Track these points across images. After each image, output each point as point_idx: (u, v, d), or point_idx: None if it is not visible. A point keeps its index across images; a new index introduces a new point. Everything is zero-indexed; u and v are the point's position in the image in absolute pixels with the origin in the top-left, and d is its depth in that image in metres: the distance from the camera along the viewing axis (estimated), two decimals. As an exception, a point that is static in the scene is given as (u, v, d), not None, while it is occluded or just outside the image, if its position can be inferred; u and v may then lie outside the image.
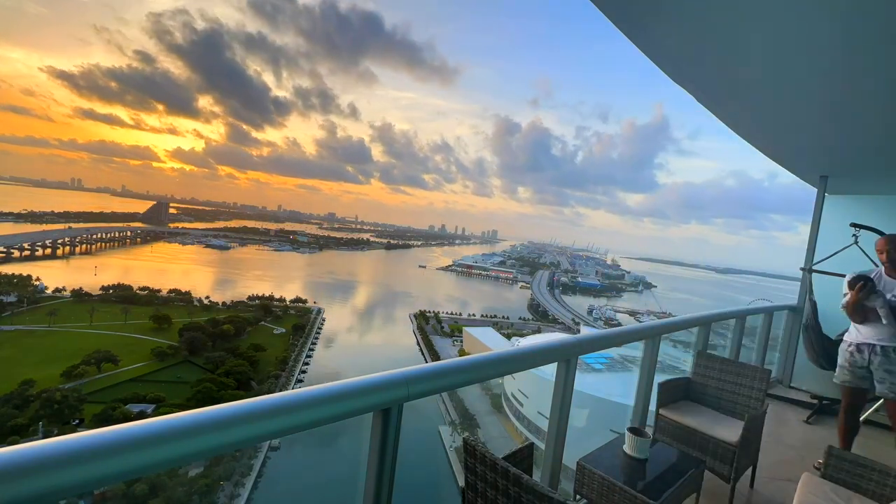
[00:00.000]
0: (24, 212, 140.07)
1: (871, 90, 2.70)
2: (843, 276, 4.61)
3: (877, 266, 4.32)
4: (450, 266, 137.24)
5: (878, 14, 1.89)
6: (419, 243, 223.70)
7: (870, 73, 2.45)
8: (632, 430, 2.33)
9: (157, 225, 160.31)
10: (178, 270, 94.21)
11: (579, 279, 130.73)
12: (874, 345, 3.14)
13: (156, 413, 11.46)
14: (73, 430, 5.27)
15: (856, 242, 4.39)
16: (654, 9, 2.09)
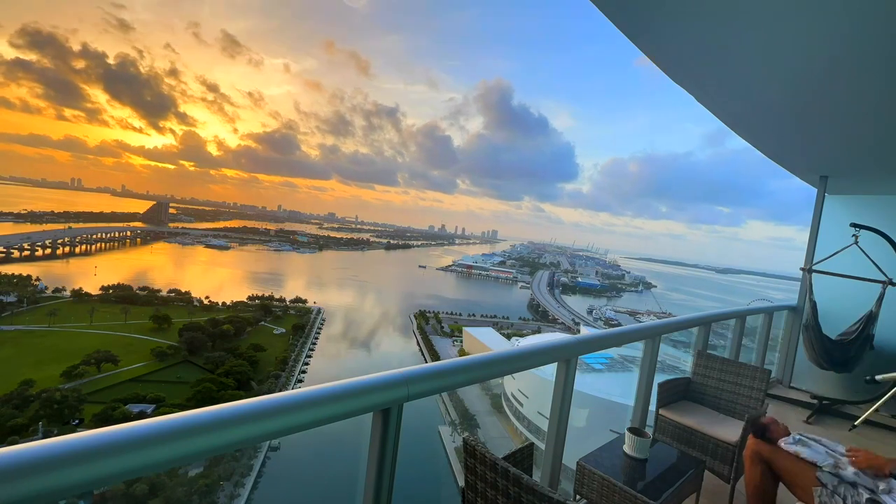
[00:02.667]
0: (24, 212, 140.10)
1: (872, 90, 2.70)
2: (845, 276, 4.62)
3: (879, 268, 4.30)
4: (450, 266, 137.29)
5: (878, 13, 1.89)
6: (419, 243, 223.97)
7: (870, 73, 2.45)
8: (632, 430, 2.33)
9: (157, 225, 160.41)
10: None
11: (579, 279, 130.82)
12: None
13: (156, 413, 11.47)
14: (73, 430, 5.27)
15: (856, 243, 4.39)
16: (655, 8, 2.09)
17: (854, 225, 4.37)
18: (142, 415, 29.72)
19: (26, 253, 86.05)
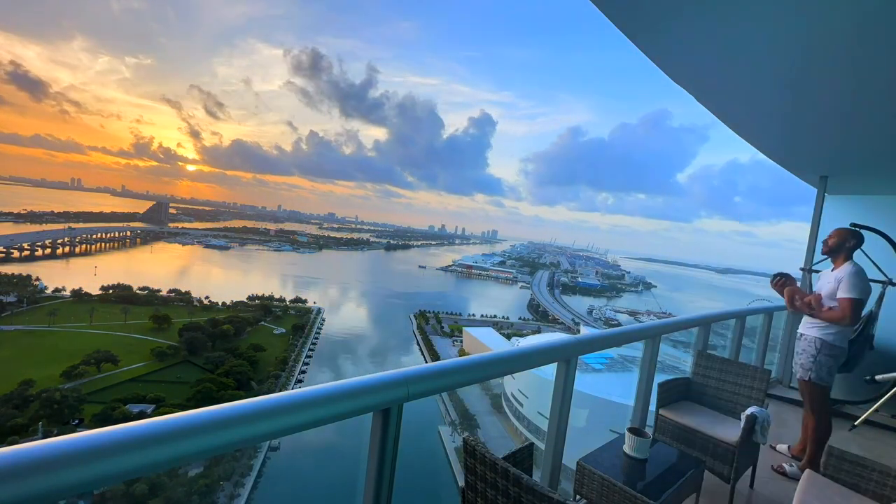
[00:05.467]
0: (24, 212, 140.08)
1: (872, 90, 2.70)
2: None
3: (879, 268, 4.32)
4: (450, 266, 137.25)
5: (878, 12, 1.90)
6: (419, 243, 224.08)
7: (870, 73, 2.45)
8: (632, 430, 2.33)
9: (156, 225, 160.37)
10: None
11: (579, 279, 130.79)
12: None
13: (156, 413, 11.46)
14: (73, 430, 5.27)
15: None
16: (654, 7, 2.09)
17: (854, 225, 4.37)
18: (142, 415, 29.70)
19: (26, 253, 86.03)
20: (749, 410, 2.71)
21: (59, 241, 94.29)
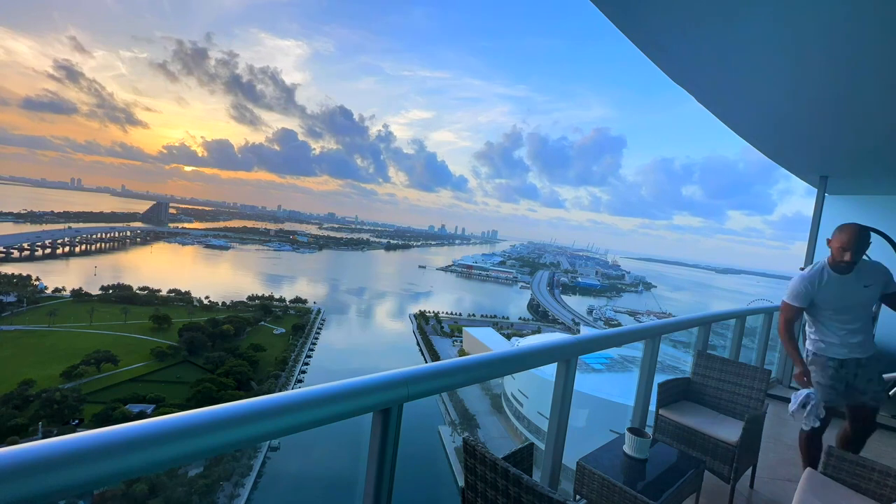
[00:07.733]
0: (24, 212, 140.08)
1: (872, 90, 2.70)
2: None
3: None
4: (449, 266, 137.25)
5: (878, 13, 1.89)
6: (419, 243, 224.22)
7: (870, 73, 2.45)
8: (632, 430, 2.33)
9: (156, 225, 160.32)
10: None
11: (579, 279, 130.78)
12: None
13: (156, 413, 11.46)
14: (73, 430, 5.27)
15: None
16: (655, 8, 2.09)
17: None
18: (142, 415, 29.71)
19: (26, 253, 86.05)
20: (802, 392, 3.04)
21: (59, 241, 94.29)
